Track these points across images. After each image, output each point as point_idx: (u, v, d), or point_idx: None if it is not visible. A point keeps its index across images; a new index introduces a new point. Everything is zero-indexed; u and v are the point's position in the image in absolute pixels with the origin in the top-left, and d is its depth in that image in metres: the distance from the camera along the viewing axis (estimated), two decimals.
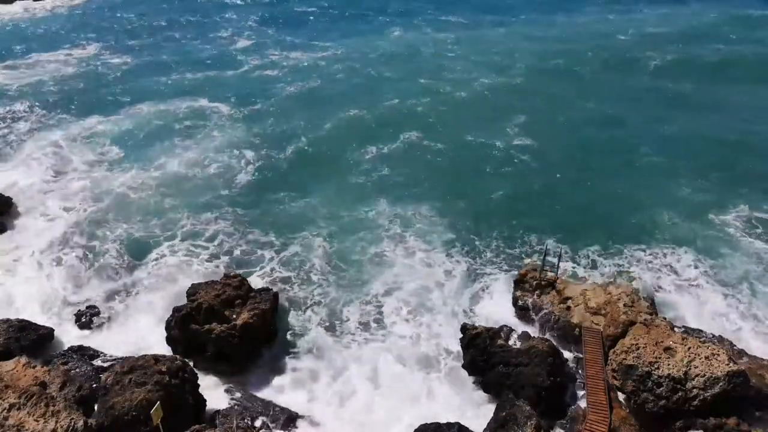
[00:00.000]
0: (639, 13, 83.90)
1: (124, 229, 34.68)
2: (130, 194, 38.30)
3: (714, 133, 45.87)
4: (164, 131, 47.83)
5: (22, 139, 46.65)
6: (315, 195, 38.40)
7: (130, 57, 67.35)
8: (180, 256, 32.45)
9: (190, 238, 33.99)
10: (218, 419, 22.04)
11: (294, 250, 32.99)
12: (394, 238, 33.99)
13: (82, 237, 34.05)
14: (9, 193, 37.58)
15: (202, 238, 33.93)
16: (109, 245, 33.32)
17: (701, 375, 21.52)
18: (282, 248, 33.13)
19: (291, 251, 32.87)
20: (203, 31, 79.00)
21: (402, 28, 79.35)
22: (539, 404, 22.11)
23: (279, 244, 33.41)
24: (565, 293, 27.83)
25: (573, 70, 60.50)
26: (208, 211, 36.42)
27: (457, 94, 54.96)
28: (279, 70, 62.81)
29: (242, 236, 34.08)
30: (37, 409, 19.55)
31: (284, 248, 33.12)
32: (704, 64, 61.92)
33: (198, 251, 32.86)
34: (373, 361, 25.76)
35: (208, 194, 38.37)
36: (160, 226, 35.04)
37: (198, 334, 25.27)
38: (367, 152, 44.16)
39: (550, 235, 33.81)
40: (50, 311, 28.55)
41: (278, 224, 35.16)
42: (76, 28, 79.04)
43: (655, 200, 36.99)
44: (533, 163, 42.16)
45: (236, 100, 54.07)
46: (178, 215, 36.03)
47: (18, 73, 61.68)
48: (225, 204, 37.30)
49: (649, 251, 32.57)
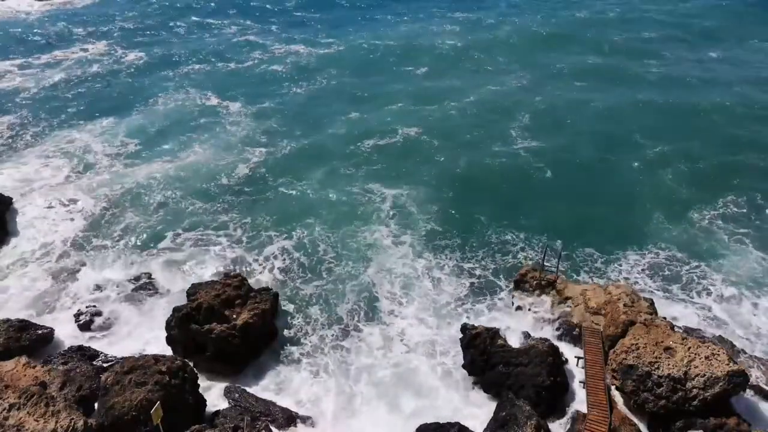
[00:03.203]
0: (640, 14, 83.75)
1: (126, 229, 34.82)
2: (140, 191, 38.62)
3: (715, 133, 45.95)
4: (174, 128, 48.23)
5: (36, 136, 46.89)
6: (316, 194, 38.52)
7: (141, 54, 67.53)
8: (181, 255, 32.48)
9: (193, 237, 34.11)
10: (218, 419, 22.01)
11: (294, 249, 33.04)
12: (395, 237, 34.03)
13: (83, 236, 34.13)
14: (17, 189, 37.77)
15: (204, 238, 34.03)
16: (110, 245, 33.42)
17: (701, 375, 21.52)
18: (283, 248, 33.14)
19: (292, 251, 32.91)
20: (209, 28, 79.20)
21: (407, 23, 79.42)
22: (539, 404, 22.13)
23: (280, 244, 33.43)
24: (565, 293, 27.86)
25: (575, 70, 60.40)
26: (213, 209, 36.70)
27: (458, 92, 54.99)
28: (284, 65, 63.11)
29: (245, 234, 34.19)
30: (37, 409, 19.56)
31: (285, 248, 33.14)
32: (705, 65, 61.84)
33: (198, 250, 32.90)
34: (373, 361, 25.78)
35: (210, 193, 38.53)
36: (160, 226, 35.08)
37: (198, 334, 25.27)
38: (367, 149, 44.34)
39: (551, 234, 33.84)
40: (50, 311, 28.55)
41: (280, 223, 35.27)
42: (84, 26, 79.12)
43: (655, 200, 37.06)
44: (534, 163, 42.14)
45: (243, 95, 54.51)
46: (180, 215, 36.18)
47: (31, 71, 61.92)
48: (227, 203, 37.47)
49: (648, 251, 32.64)
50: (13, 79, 59.44)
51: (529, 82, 57.43)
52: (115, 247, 33.32)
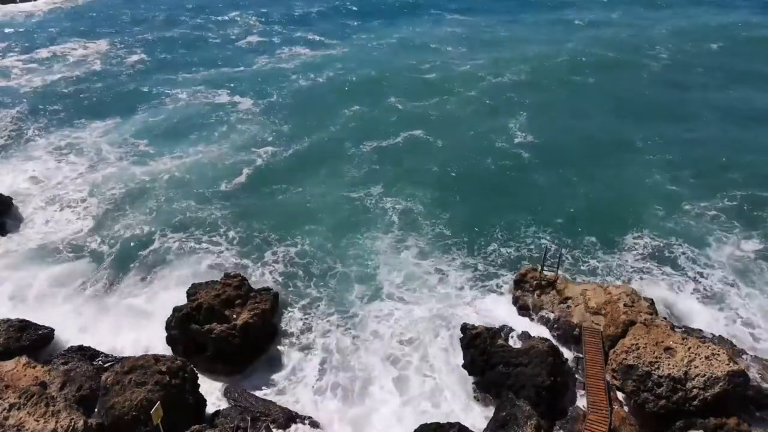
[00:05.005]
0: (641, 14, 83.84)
1: (127, 228, 34.80)
2: (142, 191, 38.72)
3: (716, 134, 46.00)
4: (177, 127, 48.20)
5: (39, 133, 46.88)
6: (317, 193, 38.59)
7: (145, 53, 67.51)
8: (182, 254, 32.49)
9: (193, 236, 34.11)
10: (218, 419, 22.01)
11: (295, 249, 33.04)
12: (394, 236, 34.08)
13: (83, 236, 34.12)
14: (19, 189, 37.84)
15: (205, 238, 34.01)
16: (111, 244, 33.39)
17: (701, 375, 21.52)
18: (283, 247, 33.15)
19: (292, 250, 32.91)
20: (212, 28, 79.10)
21: (409, 25, 79.42)
22: (539, 404, 22.10)
23: (280, 243, 33.45)
24: (565, 293, 27.85)
25: (576, 70, 60.38)
26: (214, 210, 36.65)
27: (460, 92, 55.15)
28: (288, 65, 63.21)
29: (246, 234, 34.18)
30: (37, 409, 19.57)
31: (285, 247, 33.15)
32: (706, 65, 61.86)
33: (200, 251, 32.90)
34: (373, 361, 25.77)
35: (211, 194, 38.50)
36: (161, 226, 35.05)
37: (198, 334, 25.28)
38: (368, 148, 44.45)
39: (551, 234, 33.90)
40: (51, 310, 28.53)
41: (281, 222, 35.30)
42: (86, 24, 79.15)
43: (655, 200, 37.06)
44: (534, 162, 42.14)
45: (248, 94, 54.63)
46: (181, 214, 36.20)
47: (34, 67, 61.90)
48: (229, 204, 37.42)
49: (647, 251, 32.67)
50: (17, 76, 59.40)
51: (531, 82, 57.38)
52: (116, 246, 33.25)
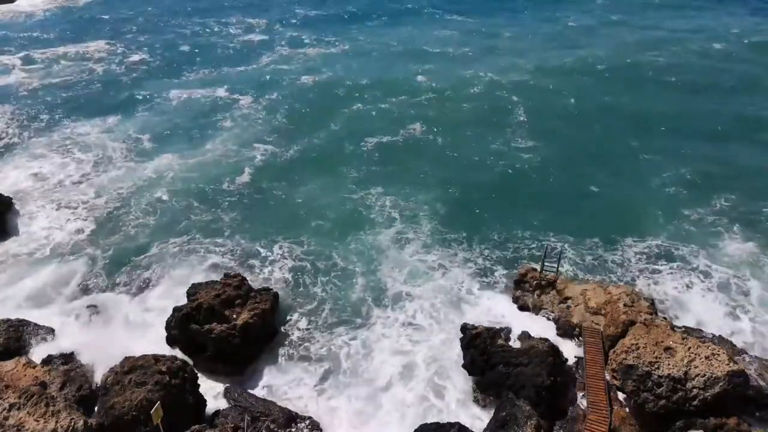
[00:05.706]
0: (642, 16, 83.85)
1: (128, 228, 34.83)
2: (144, 190, 38.67)
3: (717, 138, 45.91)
4: (178, 127, 48.23)
5: (39, 132, 46.93)
6: (318, 191, 38.68)
7: (146, 52, 67.60)
8: (182, 254, 32.48)
9: (194, 235, 34.16)
10: (218, 419, 22.02)
11: (298, 247, 33.05)
12: (394, 235, 34.07)
13: (84, 236, 34.12)
14: (20, 189, 37.91)
15: (206, 237, 34.06)
16: (111, 244, 33.37)
17: (701, 375, 21.51)
18: (286, 245, 33.17)
19: (295, 248, 32.94)
20: (212, 28, 79.20)
21: (409, 25, 79.48)
22: (539, 404, 22.09)
23: (281, 244, 33.38)
24: (565, 293, 27.86)
25: (576, 73, 60.39)
26: (215, 210, 36.71)
27: (460, 92, 55.17)
28: (289, 64, 63.31)
29: (246, 234, 34.19)
30: (37, 409, 19.58)
31: (288, 246, 33.17)
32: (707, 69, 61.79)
33: (201, 250, 32.89)
34: (373, 361, 25.76)
35: (212, 193, 38.50)
36: (162, 225, 35.12)
37: (198, 334, 25.28)
38: (368, 147, 44.49)
39: (551, 234, 33.85)
40: (51, 311, 28.53)
41: (283, 221, 35.38)
42: (86, 24, 79.28)
43: (656, 202, 37.07)
44: (534, 162, 42.16)
45: (249, 93, 54.72)
46: (183, 213, 36.26)
47: (35, 66, 61.97)
48: (230, 203, 37.45)
49: (647, 251, 32.65)
50: (18, 76, 59.42)
51: (531, 83, 57.41)
52: (116, 246, 33.24)
